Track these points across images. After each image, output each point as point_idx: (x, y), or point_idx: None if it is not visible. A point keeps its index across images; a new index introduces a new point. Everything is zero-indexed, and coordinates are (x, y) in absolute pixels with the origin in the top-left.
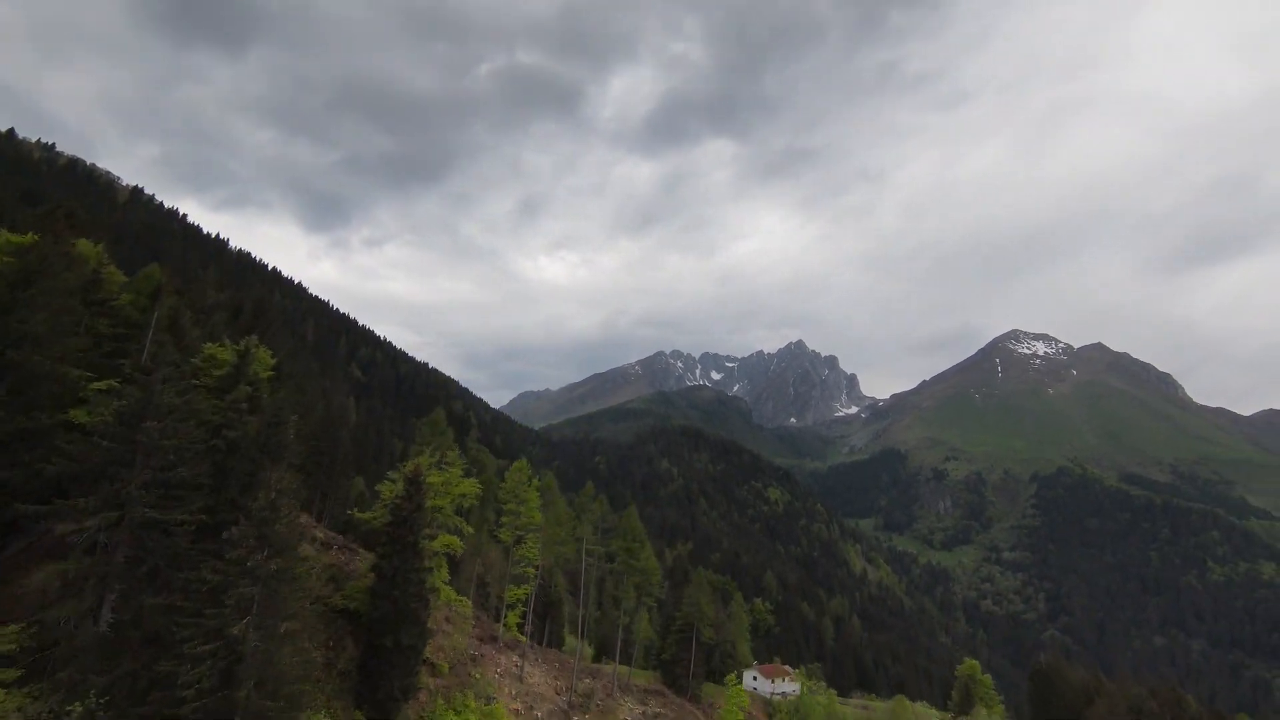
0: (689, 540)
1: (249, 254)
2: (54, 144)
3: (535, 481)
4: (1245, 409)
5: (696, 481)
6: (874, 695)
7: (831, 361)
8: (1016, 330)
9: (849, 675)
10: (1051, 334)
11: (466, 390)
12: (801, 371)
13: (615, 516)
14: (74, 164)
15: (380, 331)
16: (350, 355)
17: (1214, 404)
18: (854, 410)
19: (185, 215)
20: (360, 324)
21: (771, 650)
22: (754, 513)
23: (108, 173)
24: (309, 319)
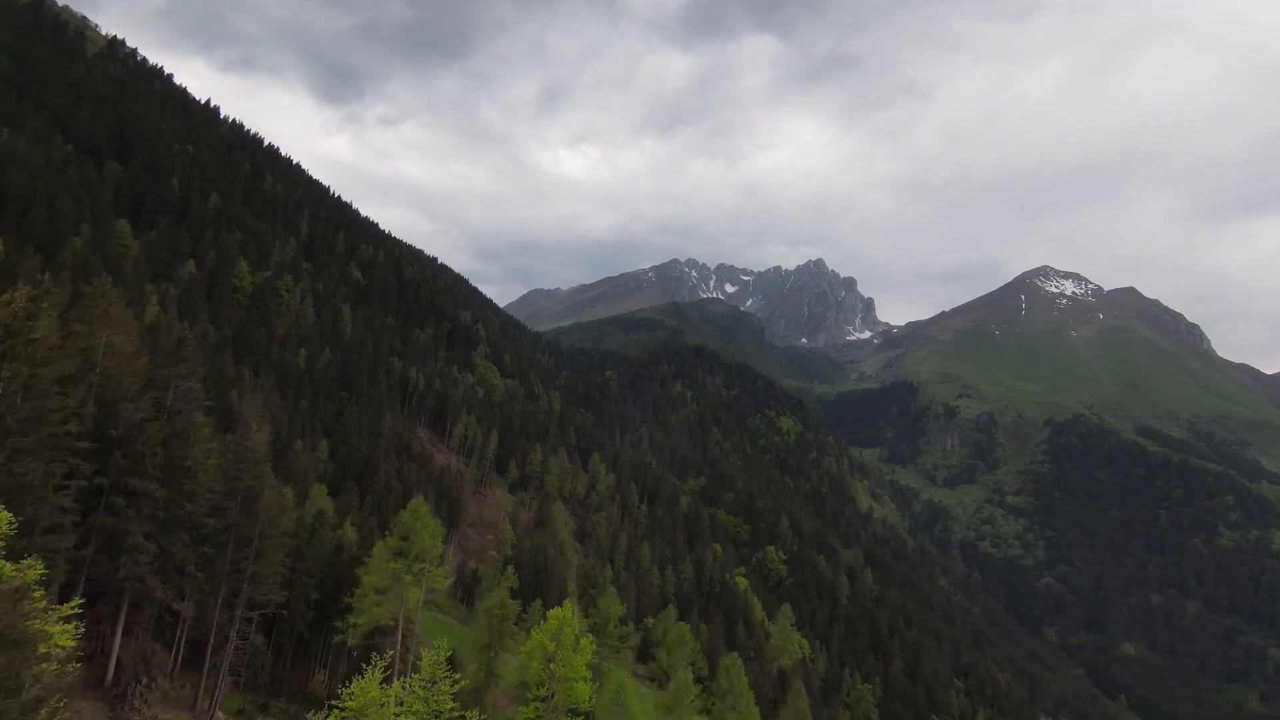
0: (701, 475)
1: (242, 125)
2: None
3: (589, 642)
4: (1269, 366)
5: (710, 407)
6: None
7: (850, 283)
8: (1046, 266)
9: (863, 639)
10: (1083, 274)
11: (475, 290)
12: (818, 291)
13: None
14: (37, 3)
15: (385, 224)
16: (350, 254)
17: (1237, 358)
18: (866, 335)
19: (171, 75)
20: (363, 215)
21: (784, 601)
22: (765, 443)
23: (83, 19)
24: (304, 209)
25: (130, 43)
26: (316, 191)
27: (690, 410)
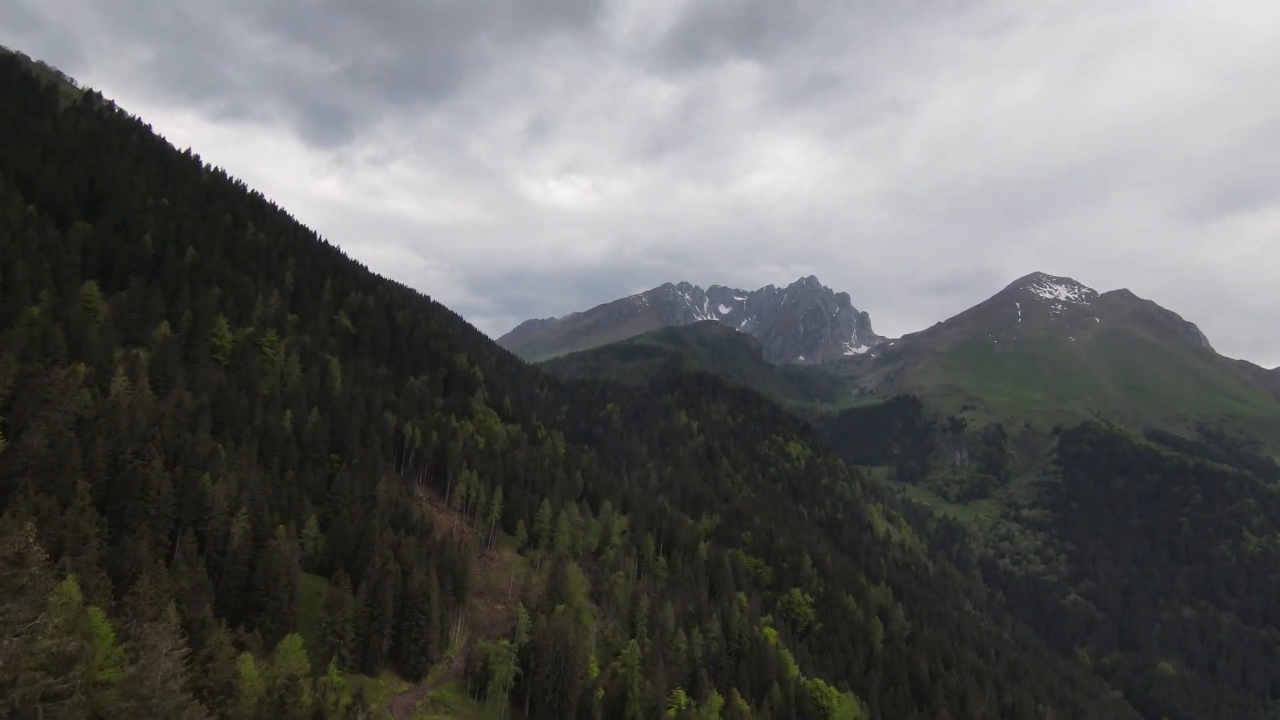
0: (715, 512)
1: (223, 174)
2: None
3: None
4: (1265, 361)
5: (718, 437)
6: None
7: (843, 299)
8: (1039, 273)
9: (903, 688)
10: (1074, 278)
11: (470, 328)
12: (813, 309)
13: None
14: (6, 61)
15: (377, 263)
16: (338, 301)
17: (1232, 354)
18: (864, 350)
19: (149, 126)
20: (350, 260)
21: (816, 653)
22: (776, 471)
23: (56, 74)
24: (289, 258)
25: (119, 98)
26: (302, 238)
27: (698, 442)
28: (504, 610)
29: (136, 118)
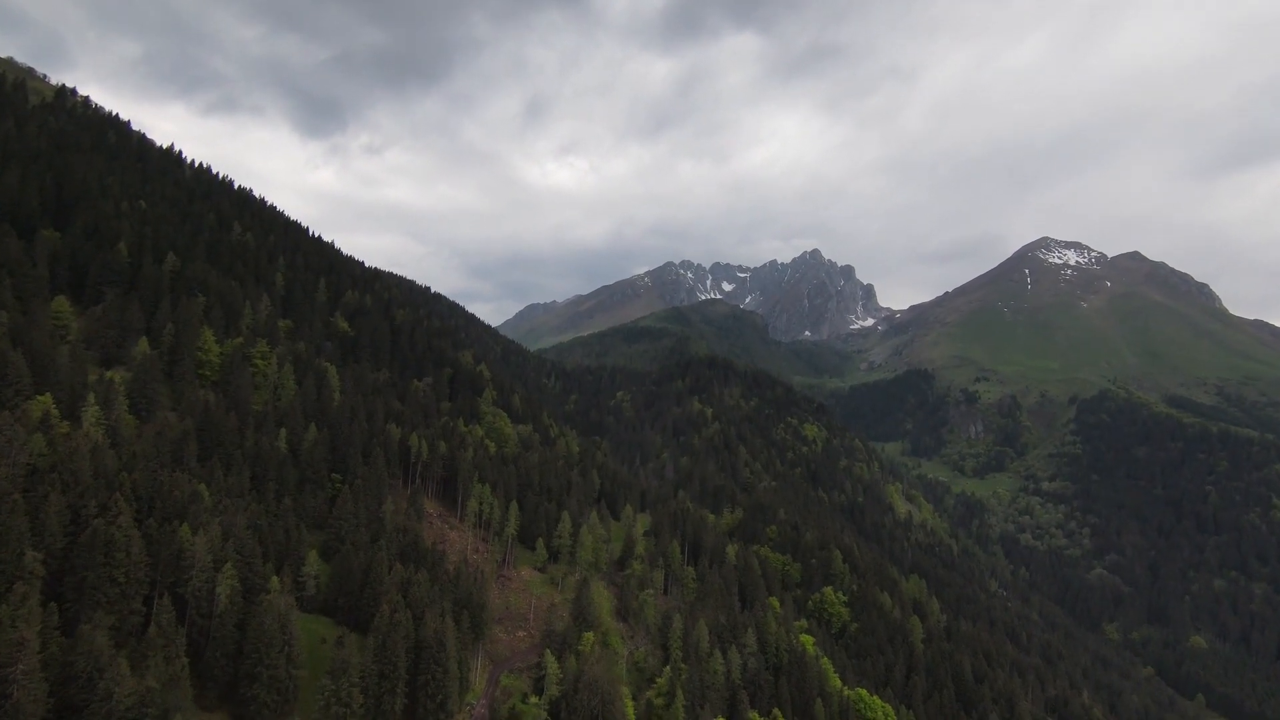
0: (737, 505)
1: (209, 169)
2: None
3: None
4: (1278, 318)
5: (733, 423)
6: None
7: (848, 271)
8: (1047, 238)
9: (948, 692)
10: (1084, 242)
11: (474, 319)
12: (817, 282)
13: None
14: None
15: (376, 253)
16: (334, 302)
17: (1245, 313)
18: (870, 322)
19: (128, 122)
20: (346, 255)
21: (854, 657)
22: (794, 455)
23: (27, 70)
24: (280, 258)
25: (108, 94)
26: (294, 235)
27: (713, 430)
28: (526, 637)
29: (114, 114)
